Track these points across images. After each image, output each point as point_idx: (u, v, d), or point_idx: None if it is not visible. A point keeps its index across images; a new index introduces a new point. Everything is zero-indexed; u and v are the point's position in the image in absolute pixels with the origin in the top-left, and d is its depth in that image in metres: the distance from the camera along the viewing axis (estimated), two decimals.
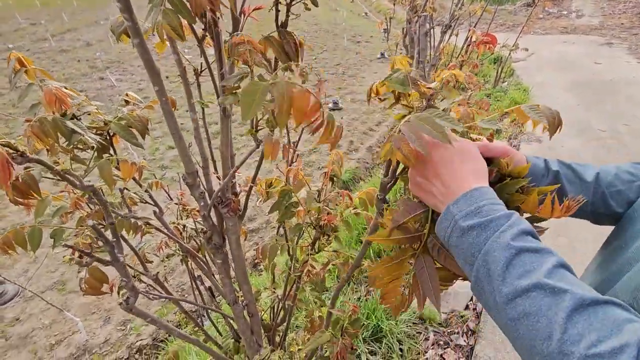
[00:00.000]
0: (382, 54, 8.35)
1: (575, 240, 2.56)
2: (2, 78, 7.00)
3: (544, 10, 10.64)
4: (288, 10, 0.56)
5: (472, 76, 1.97)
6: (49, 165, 0.57)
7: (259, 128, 0.61)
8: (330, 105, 6.14)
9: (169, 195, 1.18)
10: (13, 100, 5.75)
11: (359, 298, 2.30)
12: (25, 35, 9.82)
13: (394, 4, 3.42)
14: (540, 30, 9.57)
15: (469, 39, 1.93)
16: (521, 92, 5.33)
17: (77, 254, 0.64)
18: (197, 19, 0.69)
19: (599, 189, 0.66)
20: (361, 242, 2.81)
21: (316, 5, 0.54)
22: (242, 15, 0.79)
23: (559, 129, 0.51)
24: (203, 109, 0.89)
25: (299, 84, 0.40)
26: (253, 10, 0.78)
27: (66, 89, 0.78)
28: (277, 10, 0.54)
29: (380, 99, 0.54)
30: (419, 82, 0.48)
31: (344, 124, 5.51)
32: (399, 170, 0.61)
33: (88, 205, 0.82)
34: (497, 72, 5.70)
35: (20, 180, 0.57)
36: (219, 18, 0.61)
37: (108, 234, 0.73)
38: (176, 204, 1.19)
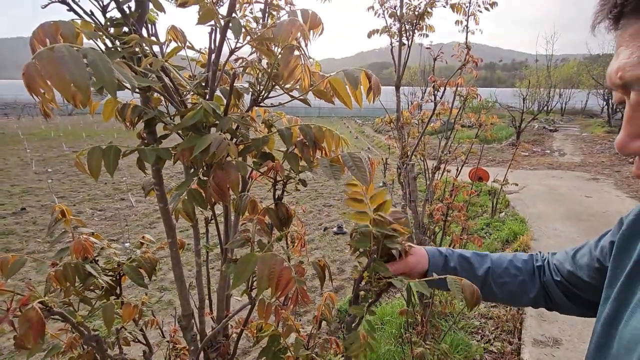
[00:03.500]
0: (384, 184, 9.02)
1: None
2: (36, 198, 7.58)
3: (529, 150, 11.84)
4: (284, 188, 0.72)
5: (460, 215, 2.14)
6: (68, 317, 0.64)
7: (253, 288, 0.69)
8: (335, 229, 6.33)
9: (162, 333, 1.18)
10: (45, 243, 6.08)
11: None
12: (65, 161, 11.04)
13: (389, 147, 3.94)
14: (528, 166, 10.46)
15: (452, 185, 2.18)
16: (519, 223, 5.50)
17: None
18: None
19: (487, 281, 0.79)
20: None
21: (305, 185, 0.70)
22: (250, 179, 0.97)
23: (476, 305, 0.61)
24: (207, 252, 1.00)
25: (281, 258, 0.50)
26: (259, 176, 0.97)
27: (93, 235, 0.91)
28: (275, 189, 0.70)
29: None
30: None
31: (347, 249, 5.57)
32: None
33: (82, 346, 0.85)
34: (492, 204, 6.02)
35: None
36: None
37: None
38: (167, 341, 1.18)
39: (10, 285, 0.71)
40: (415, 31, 2.28)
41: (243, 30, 0.62)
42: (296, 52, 0.53)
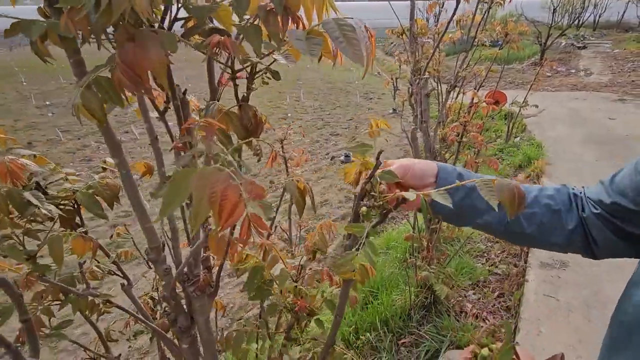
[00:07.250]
0: (394, 110, 8.58)
1: None
2: (41, 132, 7.50)
3: (552, 69, 10.91)
4: (249, 85, 0.52)
5: (477, 136, 1.92)
6: None
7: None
8: (342, 158, 6.20)
9: (148, 263, 1.10)
10: None
11: None
12: (65, 94, 10.71)
13: (400, 65, 3.55)
14: (550, 87, 9.73)
15: (471, 100, 1.91)
16: (534, 148, 5.24)
17: None
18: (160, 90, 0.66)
19: None
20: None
21: (277, 78, 0.50)
22: (220, 86, 0.76)
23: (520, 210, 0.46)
24: None
25: (226, 173, 0.33)
26: (229, 79, 0.76)
27: (35, 156, 0.75)
28: (236, 85, 0.50)
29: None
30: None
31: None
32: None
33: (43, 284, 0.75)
34: (508, 128, 5.69)
35: None
36: (178, 88, 0.58)
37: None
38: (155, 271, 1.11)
39: None
40: None
41: None
42: None
